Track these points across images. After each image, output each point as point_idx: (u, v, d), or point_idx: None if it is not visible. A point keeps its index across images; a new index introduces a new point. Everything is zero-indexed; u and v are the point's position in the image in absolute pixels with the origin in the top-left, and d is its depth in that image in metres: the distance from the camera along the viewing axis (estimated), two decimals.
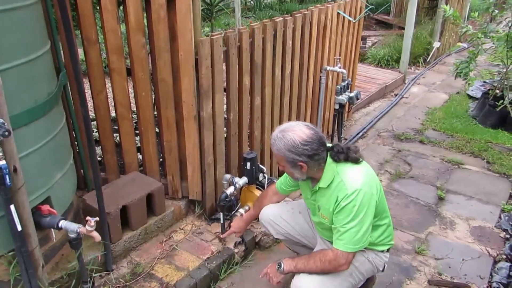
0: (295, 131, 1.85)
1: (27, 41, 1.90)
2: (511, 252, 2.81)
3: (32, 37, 1.96)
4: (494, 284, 2.56)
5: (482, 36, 4.53)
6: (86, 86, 2.80)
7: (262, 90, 3.15)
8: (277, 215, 2.35)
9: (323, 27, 3.69)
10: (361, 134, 4.63)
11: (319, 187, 1.96)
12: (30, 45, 1.93)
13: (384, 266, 2.13)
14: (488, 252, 2.88)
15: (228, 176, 2.85)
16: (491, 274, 2.68)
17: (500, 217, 3.27)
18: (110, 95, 2.71)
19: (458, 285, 2.58)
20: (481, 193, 3.59)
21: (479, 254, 2.86)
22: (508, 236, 3.04)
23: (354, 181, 1.84)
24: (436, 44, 7.37)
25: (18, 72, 1.84)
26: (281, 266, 2.03)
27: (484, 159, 4.17)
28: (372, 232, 1.98)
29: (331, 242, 1.98)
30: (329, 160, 1.92)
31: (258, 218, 2.48)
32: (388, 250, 2.11)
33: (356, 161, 1.92)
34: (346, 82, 4.10)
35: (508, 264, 2.72)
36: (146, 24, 2.55)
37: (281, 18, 3.09)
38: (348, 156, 1.91)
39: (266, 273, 2.11)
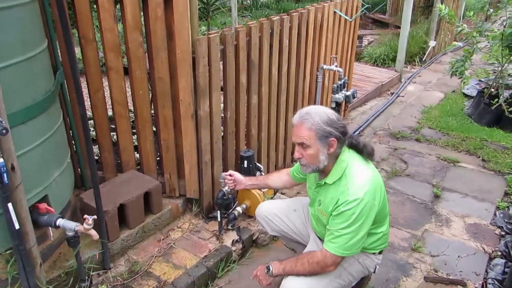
0: (325, 109, 1.85)
1: (24, 39, 1.90)
2: (506, 249, 2.83)
3: (29, 35, 1.96)
4: (489, 281, 2.58)
5: (477, 35, 4.55)
6: (83, 84, 2.80)
7: (259, 89, 3.16)
8: (272, 213, 2.35)
9: (319, 26, 3.70)
10: (357, 132, 4.64)
11: (324, 182, 1.93)
12: (28, 43, 1.93)
13: (376, 267, 2.12)
14: (484, 249, 2.90)
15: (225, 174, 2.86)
16: (486, 271, 2.70)
17: (495, 214, 3.29)
18: (107, 93, 2.72)
19: (454, 281, 2.60)
20: (476, 191, 3.62)
21: (474, 251, 2.88)
22: (503, 233, 3.07)
23: (359, 189, 1.81)
24: (432, 43, 7.40)
25: (15, 70, 1.85)
26: (269, 269, 2.02)
27: (479, 157, 4.20)
28: (367, 238, 1.96)
29: (323, 241, 2.00)
30: (342, 156, 1.90)
31: (254, 215, 2.48)
32: (380, 253, 2.10)
33: (369, 156, 1.92)
34: (343, 80, 4.12)
35: (503, 260, 2.74)
36: (143, 22, 2.55)
37: (278, 17, 3.10)
38: (362, 151, 1.92)
39: (256, 275, 2.10)
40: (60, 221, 2.03)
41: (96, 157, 3.00)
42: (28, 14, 1.94)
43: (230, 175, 2.46)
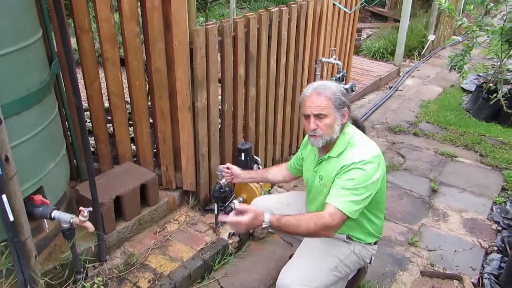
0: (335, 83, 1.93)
1: (18, 29, 1.87)
2: (502, 244, 2.84)
3: (23, 25, 1.92)
4: (486, 275, 2.59)
5: (477, 29, 4.53)
6: (79, 75, 2.78)
7: (257, 81, 3.13)
8: (267, 208, 2.33)
9: (318, 18, 3.67)
10: None
11: (328, 156, 1.94)
12: (22, 32, 1.90)
13: (371, 258, 2.12)
14: (480, 244, 2.90)
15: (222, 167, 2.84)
16: (482, 266, 2.71)
17: (492, 209, 3.30)
18: (103, 85, 2.69)
19: (450, 276, 2.60)
20: (473, 186, 3.62)
21: (471, 246, 2.89)
22: (499, 228, 3.07)
23: (365, 153, 1.84)
24: (431, 37, 7.38)
25: (9, 60, 1.82)
26: (267, 220, 1.75)
27: (477, 152, 4.19)
28: (372, 224, 1.99)
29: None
30: (345, 129, 1.94)
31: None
32: (375, 243, 2.11)
33: (363, 130, 2.02)
34: (341, 74, 4.09)
35: (500, 255, 2.74)
36: (140, 13, 2.51)
37: (276, 9, 3.07)
38: (359, 125, 2.01)
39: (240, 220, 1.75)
40: (55, 213, 2.01)
41: (92, 149, 2.98)
42: (22, 3, 1.90)
43: (227, 168, 2.45)
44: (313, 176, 2.06)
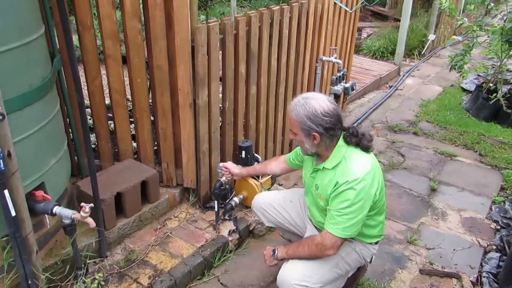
0: (319, 101, 1.83)
1: (21, 25, 1.88)
2: (501, 243, 2.85)
3: (26, 21, 1.93)
4: (484, 274, 2.60)
5: (478, 29, 4.54)
6: (81, 72, 2.78)
7: (258, 79, 3.14)
8: (269, 204, 2.36)
9: (319, 17, 3.68)
10: (355, 125, 4.64)
11: (323, 167, 1.94)
12: (24, 29, 1.91)
13: (372, 257, 2.14)
14: (479, 243, 2.92)
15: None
16: (481, 264, 2.72)
17: (491, 209, 3.31)
18: (105, 82, 2.69)
19: (449, 274, 2.62)
20: (473, 185, 3.63)
21: (469, 245, 2.90)
22: (498, 227, 3.08)
23: (358, 170, 1.83)
24: (431, 37, 7.38)
25: (12, 56, 1.82)
26: (275, 252, 2.08)
27: (476, 151, 4.21)
28: (368, 227, 2.00)
29: (321, 231, 1.99)
30: (340, 142, 1.91)
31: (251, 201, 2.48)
32: (376, 243, 2.12)
33: (366, 149, 1.91)
34: (342, 72, 4.10)
35: (498, 254, 2.76)
36: (142, 10, 2.52)
37: (278, 7, 3.08)
38: (360, 142, 1.90)
39: (264, 254, 2.17)
40: (56, 209, 2.02)
41: (93, 146, 2.98)
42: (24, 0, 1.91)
43: (225, 167, 2.48)
44: (310, 181, 2.07)
